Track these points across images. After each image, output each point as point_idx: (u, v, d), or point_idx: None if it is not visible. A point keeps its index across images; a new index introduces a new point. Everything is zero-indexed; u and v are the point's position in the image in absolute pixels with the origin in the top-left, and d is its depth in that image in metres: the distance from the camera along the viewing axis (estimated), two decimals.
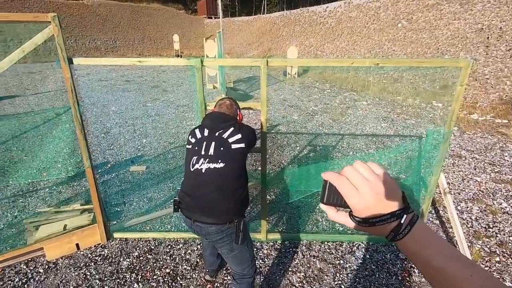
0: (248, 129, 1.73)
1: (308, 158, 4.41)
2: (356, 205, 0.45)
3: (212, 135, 1.65)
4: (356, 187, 0.45)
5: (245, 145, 1.64)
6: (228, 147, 1.61)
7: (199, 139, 1.67)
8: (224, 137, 1.63)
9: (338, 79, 10.39)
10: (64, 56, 2.16)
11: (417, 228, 0.45)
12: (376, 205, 0.44)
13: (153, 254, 2.48)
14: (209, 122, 1.71)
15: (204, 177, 1.59)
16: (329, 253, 2.52)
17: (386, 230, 0.45)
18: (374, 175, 0.46)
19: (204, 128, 1.70)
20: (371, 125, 5.83)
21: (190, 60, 2.22)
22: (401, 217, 0.44)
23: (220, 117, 1.72)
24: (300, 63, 2.53)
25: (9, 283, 2.20)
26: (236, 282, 1.79)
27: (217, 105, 1.85)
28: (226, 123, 1.68)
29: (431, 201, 2.58)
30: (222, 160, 1.58)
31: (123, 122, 6.00)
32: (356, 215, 0.47)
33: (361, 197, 0.45)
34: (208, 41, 9.20)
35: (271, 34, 22.38)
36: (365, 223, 0.46)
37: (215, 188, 1.58)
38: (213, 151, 1.60)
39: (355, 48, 14.05)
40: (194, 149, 1.65)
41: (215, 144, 1.61)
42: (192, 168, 1.62)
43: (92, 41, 22.79)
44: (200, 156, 1.61)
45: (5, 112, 6.69)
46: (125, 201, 3.25)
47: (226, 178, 1.60)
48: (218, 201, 1.59)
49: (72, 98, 2.27)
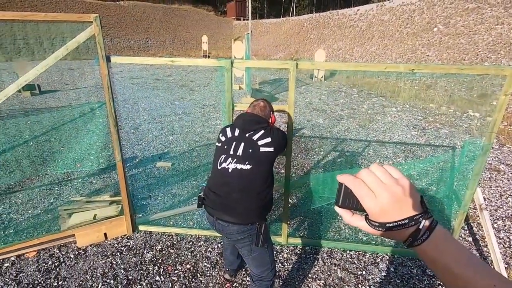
0: (279, 133, 1.71)
1: (333, 163, 4.31)
2: (372, 208, 0.44)
3: (242, 136, 1.66)
4: (372, 191, 0.44)
5: (273, 149, 1.62)
6: (256, 150, 1.61)
7: (229, 138, 1.68)
8: (254, 139, 1.63)
9: (367, 84, 10.10)
10: (103, 55, 2.28)
11: (437, 233, 0.43)
12: (393, 209, 0.43)
13: (175, 249, 2.54)
14: (241, 122, 1.71)
15: (230, 176, 1.60)
16: (351, 262, 2.44)
17: (404, 235, 0.44)
18: (391, 179, 0.45)
19: (236, 128, 1.71)
20: (400, 133, 5.60)
21: (220, 61, 2.26)
22: (419, 222, 0.43)
23: (252, 118, 1.72)
24: (330, 66, 2.48)
25: (43, 265, 2.34)
26: (254, 284, 1.79)
27: (251, 106, 1.84)
28: (257, 125, 1.68)
29: (464, 216, 2.42)
30: (249, 161, 1.59)
31: (152, 119, 6.22)
32: (372, 219, 0.45)
33: (377, 201, 0.44)
34: (236, 42, 9.32)
35: (299, 36, 22.24)
36: (382, 228, 0.44)
37: (239, 188, 1.59)
38: (242, 152, 1.61)
39: (386, 53, 13.60)
40: (223, 147, 1.67)
41: (244, 145, 1.62)
42: (219, 166, 1.64)
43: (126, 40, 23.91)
44: (228, 156, 1.63)
45: (47, 105, 7.18)
46: (150, 195, 3.37)
47: (251, 180, 1.60)
48: (241, 202, 1.59)
49: (108, 94, 2.39)
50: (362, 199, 0.45)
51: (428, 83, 9.33)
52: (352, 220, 0.49)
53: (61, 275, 2.25)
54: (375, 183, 0.44)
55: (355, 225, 0.48)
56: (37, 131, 5.19)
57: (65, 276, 2.25)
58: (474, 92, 8.00)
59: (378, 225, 0.45)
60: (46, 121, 5.87)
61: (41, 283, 2.18)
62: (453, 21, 11.98)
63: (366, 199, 0.44)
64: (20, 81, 2.22)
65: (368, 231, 0.47)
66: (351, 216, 0.49)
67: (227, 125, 1.79)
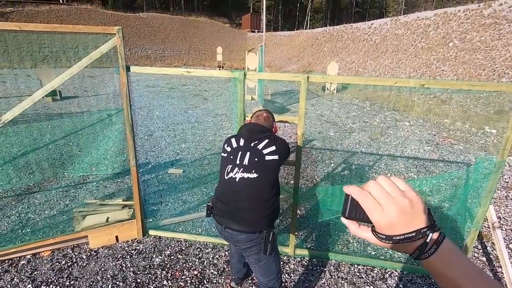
0: (282, 142, 1.75)
1: (343, 176, 4.30)
2: (379, 221, 0.44)
3: (247, 145, 1.69)
4: (379, 203, 0.44)
5: (278, 157, 1.66)
6: (262, 158, 1.64)
7: (234, 148, 1.71)
8: (259, 148, 1.67)
9: (379, 98, 10.05)
10: (123, 65, 2.40)
11: (444, 247, 0.43)
12: (400, 222, 0.43)
13: (183, 255, 2.58)
14: (246, 132, 1.75)
15: (237, 186, 1.63)
16: (359, 276, 2.41)
17: (411, 248, 0.44)
18: (398, 191, 0.45)
19: (240, 138, 1.74)
20: (413, 148, 5.53)
21: (234, 73, 2.34)
22: (426, 235, 0.43)
23: (256, 128, 1.77)
24: (340, 80, 2.53)
25: (57, 264, 2.43)
26: None
27: (254, 116, 1.89)
28: (262, 134, 1.73)
29: (477, 234, 2.37)
30: (255, 170, 1.62)
31: (165, 127, 6.38)
32: (379, 231, 0.45)
33: (384, 213, 0.43)
34: (250, 54, 9.51)
35: (312, 49, 22.44)
36: (389, 240, 0.44)
37: (247, 197, 1.62)
38: (248, 161, 1.64)
39: (399, 67, 13.53)
40: (230, 158, 1.70)
41: (250, 155, 1.65)
42: (226, 176, 1.67)
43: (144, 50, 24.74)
44: (234, 165, 1.66)
45: (67, 111, 7.49)
46: (161, 201, 3.44)
47: (258, 188, 1.63)
48: (249, 210, 1.62)
49: (126, 101, 2.50)
50: (369, 212, 0.45)
51: (443, 98, 9.20)
52: (359, 232, 0.49)
53: (73, 275, 2.32)
54: (382, 196, 0.44)
55: (361, 236, 0.49)
56: (57, 135, 5.42)
57: (77, 276, 2.32)
58: (491, 108, 7.83)
59: (385, 237, 0.44)
60: (66, 125, 6.12)
61: (54, 282, 2.25)
62: (469, 36, 11.86)
63: (373, 211, 0.44)
64: (47, 88, 2.37)
65: (374, 243, 0.47)
66: (358, 227, 0.49)
67: (231, 136, 1.81)
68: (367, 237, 0.48)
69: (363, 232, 0.48)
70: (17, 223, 2.92)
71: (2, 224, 2.89)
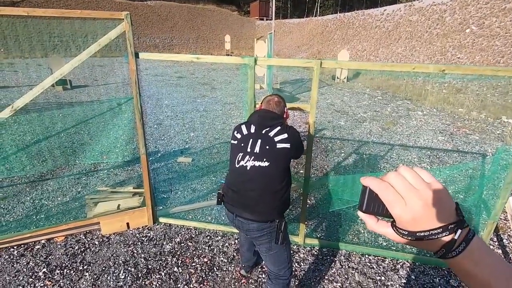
0: (294, 130, 1.70)
1: (353, 166, 4.23)
2: (401, 216, 0.40)
3: (259, 133, 1.64)
4: (402, 196, 0.40)
5: (290, 145, 1.61)
6: (273, 146, 1.59)
7: (245, 136, 1.66)
8: (270, 135, 1.62)
9: (391, 86, 9.79)
10: (132, 51, 2.37)
11: (474, 245, 0.39)
12: (425, 217, 0.39)
13: (193, 242, 2.60)
14: (257, 119, 1.70)
15: (248, 174, 1.60)
16: (370, 267, 2.39)
17: (436, 245, 0.40)
18: (423, 183, 0.40)
19: (251, 125, 1.69)
20: (426, 138, 5.39)
21: (244, 59, 2.28)
22: (455, 232, 0.39)
23: (268, 114, 1.71)
24: (355, 66, 2.43)
25: (70, 249, 2.48)
26: (271, 282, 1.79)
27: (265, 101, 1.82)
28: (273, 121, 1.67)
29: (494, 227, 2.29)
30: (267, 158, 1.58)
31: (174, 115, 6.38)
32: (400, 226, 0.41)
33: (407, 207, 0.40)
34: (259, 42, 9.34)
35: (322, 37, 21.94)
36: (411, 237, 0.40)
37: (258, 186, 1.59)
38: (259, 149, 1.59)
39: (413, 54, 13.12)
40: (240, 145, 1.65)
41: (261, 142, 1.61)
42: (237, 164, 1.63)
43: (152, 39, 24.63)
44: (246, 153, 1.62)
45: (78, 99, 7.56)
46: (171, 189, 3.46)
47: (269, 177, 1.59)
48: (260, 199, 1.60)
49: (135, 89, 2.48)
50: (390, 205, 0.41)
51: (458, 86, 8.90)
52: (377, 227, 0.45)
53: (86, 260, 2.37)
54: (405, 188, 0.40)
55: (380, 232, 0.45)
56: (68, 123, 5.48)
57: (89, 261, 2.36)
58: (509, 97, 7.54)
59: (407, 233, 0.41)
60: (77, 114, 6.18)
61: (68, 266, 2.30)
62: (488, 22, 11.34)
63: (394, 205, 0.40)
64: (56, 75, 2.36)
65: (394, 239, 0.43)
66: (376, 222, 0.45)
67: (242, 122, 1.76)
68: (386, 232, 0.44)
69: (382, 227, 0.44)
70: (32, 209, 2.98)
71: (17, 209, 2.96)
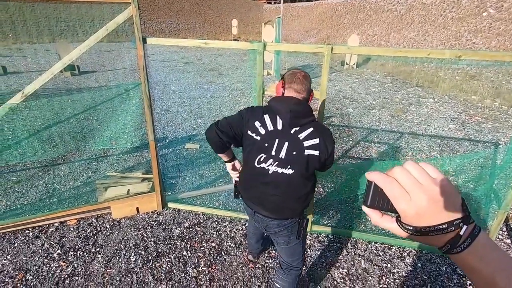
0: (329, 134, 1.45)
1: (362, 154, 4.19)
2: (406, 211, 0.40)
3: (286, 132, 1.41)
4: (407, 191, 0.40)
5: (319, 153, 1.40)
6: (301, 152, 1.40)
7: (270, 133, 1.42)
8: (300, 137, 1.41)
9: (402, 73, 9.55)
10: (140, 36, 2.34)
11: (479, 241, 0.39)
12: (430, 213, 0.39)
13: (202, 227, 2.65)
14: (286, 112, 1.40)
15: (269, 178, 1.45)
16: (376, 254, 2.40)
17: (441, 240, 0.40)
18: (429, 178, 0.40)
19: (277, 117, 1.43)
20: (437, 126, 5.28)
21: (253, 44, 2.23)
22: (460, 228, 0.39)
23: (300, 109, 1.42)
24: (367, 51, 2.37)
25: (83, 232, 2.55)
26: (283, 272, 1.76)
27: (288, 78, 1.49)
28: (306, 119, 1.43)
29: (504, 217, 2.27)
30: (292, 166, 1.41)
31: (182, 102, 6.37)
32: (405, 221, 0.42)
33: (412, 203, 0.40)
34: (267, 26, 9.14)
35: (331, 21, 21.33)
36: (416, 232, 0.41)
37: (280, 192, 1.46)
38: (285, 154, 1.40)
39: (426, 39, 12.69)
40: (264, 145, 1.42)
41: (288, 146, 1.40)
42: (257, 164, 1.45)
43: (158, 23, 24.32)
44: (269, 156, 1.43)
45: (86, 85, 7.60)
46: (179, 175, 3.50)
47: (293, 184, 1.45)
48: (281, 204, 1.49)
49: (143, 75, 2.46)
50: (395, 200, 0.41)
51: (472, 73, 8.62)
52: (382, 222, 0.45)
53: (98, 243, 2.44)
54: (411, 183, 0.40)
55: (385, 227, 0.45)
56: (77, 109, 5.53)
57: (101, 243, 2.43)
58: None
59: (412, 229, 0.41)
60: (86, 100, 6.23)
61: (81, 248, 2.37)
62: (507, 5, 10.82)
63: (399, 200, 0.40)
64: (65, 60, 2.35)
65: (399, 234, 0.44)
66: (380, 217, 0.45)
67: (263, 110, 1.48)
68: (391, 227, 0.44)
69: (386, 222, 0.45)
70: (44, 192, 3.06)
71: (31, 193, 3.04)
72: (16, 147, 4.00)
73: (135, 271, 2.18)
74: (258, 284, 2.11)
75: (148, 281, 2.10)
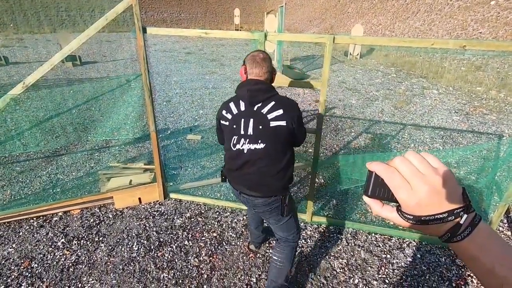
0: (291, 103, 1.54)
1: (364, 146, 4.18)
2: (406, 200, 0.40)
3: (250, 110, 1.50)
4: (408, 181, 0.40)
5: (286, 123, 1.47)
6: (267, 125, 1.47)
7: (235, 115, 1.52)
8: (263, 112, 1.48)
9: (406, 64, 9.41)
10: (140, 26, 2.31)
11: (480, 230, 0.39)
12: (431, 202, 0.39)
13: (203, 218, 2.67)
14: (246, 92, 1.50)
15: (246, 157, 1.53)
16: (376, 245, 2.42)
17: (441, 230, 0.41)
18: (429, 168, 0.41)
19: (240, 101, 1.53)
20: (440, 117, 5.23)
21: (254, 34, 2.20)
22: (460, 217, 0.39)
23: (259, 87, 1.50)
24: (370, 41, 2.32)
25: (86, 222, 2.59)
26: (280, 244, 1.84)
27: (249, 62, 1.55)
28: (266, 94, 1.50)
29: (505, 209, 2.26)
30: (262, 140, 1.48)
31: (183, 93, 6.35)
32: (406, 211, 0.42)
33: (413, 192, 0.40)
34: (269, 16, 8.99)
35: (335, 10, 20.94)
36: (416, 221, 0.41)
37: (258, 169, 1.54)
38: (252, 130, 1.48)
39: (431, 29, 12.45)
40: (232, 127, 1.52)
41: (253, 122, 1.48)
42: (233, 147, 1.55)
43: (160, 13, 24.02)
44: (240, 136, 1.51)
45: (87, 76, 7.57)
46: (181, 165, 3.51)
47: (268, 159, 1.52)
48: (262, 181, 1.57)
49: (143, 65, 2.45)
50: (396, 190, 0.41)
51: (478, 64, 8.48)
52: (382, 211, 0.45)
53: (101, 232, 2.47)
54: (411, 173, 0.40)
55: (385, 217, 0.45)
56: (79, 100, 5.53)
57: (104, 233, 2.47)
58: None
59: (412, 218, 0.41)
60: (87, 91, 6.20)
61: (84, 237, 2.41)
62: None
63: (400, 190, 0.41)
64: (65, 51, 2.34)
65: (399, 224, 0.44)
66: (381, 207, 0.45)
67: (229, 99, 1.59)
68: (391, 217, 0.44)
69: (387, 212, 0.45)
70: (48, 183, 3.10)
71: (34, 183, 3.08)
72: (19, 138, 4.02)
73: (137, 260, 2.22)
74: (258, 273, 2.14)
75: (150, 270, 2.14)
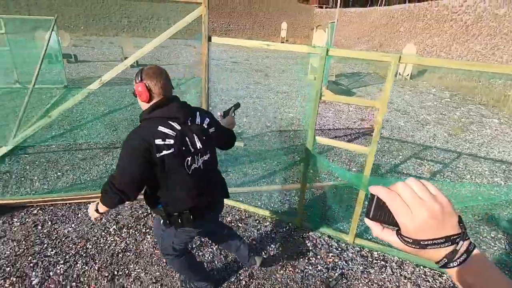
0: (205, 109, 1.75)
1: (412, 171, 3.94)
2: (407, 224, 0.43)
3: (186, 126, 1.42)
4: (408, 206, 0.43)
5: (215, 128, 1.59)
6: (208, 134, 1.53)
7: (177, 137, 1.37)
8: (198, 124, 1.50)
9: (463, 88, 8.79)
10: (206, 34, 2.46)
11: (474, 257, 0.41)
12: (430, 227, 0.42)
13: (243, 224, 2.70)
14: (177, 110, 1.41)
15: (204, 172, 1.52)
16: (425, 279, 2.24)
17: (438, 255, 0.43)
18: (429, 194, 0.43)
19: (169, 122, 1.39)
20: (501, 149, 4.78)
21: (316, 48, 2.23)
22: (457, 243, 0.41)
23: (183, 101, 1.50)
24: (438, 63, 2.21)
25: (135, 212, 2.74)
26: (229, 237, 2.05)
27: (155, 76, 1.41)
28: (190, 107, 1.52)
29: None
30: (208, 150, 1.54)
31: (228, 100, 6.55)
32: (405, 235, 0.44)
33: (413, 216, 0.42)
34: (319, 31, 9.03)
35: (385, 28, 20.38)
36: (416, 245, 0.43)
37: (212, 175, 1.65)
38: (201, 143, 1.47)
39: (494, 53, 11.54)
40: (180, 150, 1.38)
41: (197, 136, 1.45)
42: (189, 171, 1.44)
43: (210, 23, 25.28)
44: (192, 154, 1.44)
45: None
46: (224, 170, 3.60)
47: (214, 165, 1.65)
48: (219, 181, 1.76)
49: (204, 72, 2.59)
50: (397, 214, 0.43)
51: None
52: (382, 234, 0.47)
53: (148, 224, 2.61)
54: (412, 198, 0.43)
55: (385, 239, 0.47)
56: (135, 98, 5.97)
57: (151, 226, 2.60)
58: None
59: (412, 241, 0.43)
60: None
61: (133, 227, 2.56)
62: None
63: (401, 214, 0.43)
64: (137, 54, 2.57)
65: (398, 247, 0.46)
66: (382, 230, 0.47)
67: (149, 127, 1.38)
68: (391, 240, 0.47)
69: (387, 235, 0.47)
70: (104, 171, 3.36)
71: (93, 171, 3.36)
72: (82, 128, 4.44)
73: None
74: None
75: None
